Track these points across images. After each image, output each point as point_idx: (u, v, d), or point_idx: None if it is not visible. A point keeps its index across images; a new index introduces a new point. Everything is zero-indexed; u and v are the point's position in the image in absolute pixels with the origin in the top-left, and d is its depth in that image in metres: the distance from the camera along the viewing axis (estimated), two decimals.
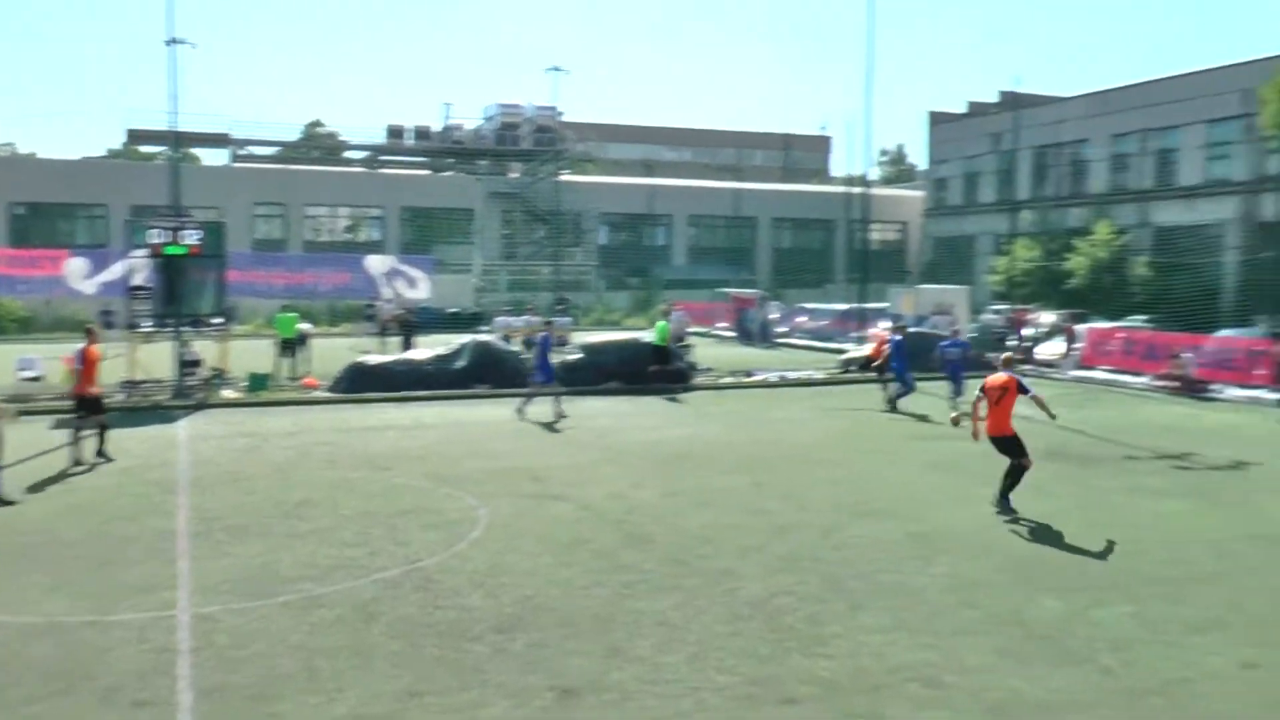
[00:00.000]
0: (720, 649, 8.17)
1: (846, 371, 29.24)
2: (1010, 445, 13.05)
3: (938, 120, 66.93)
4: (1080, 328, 32.78)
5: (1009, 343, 26.77)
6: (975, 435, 13.37)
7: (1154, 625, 8.80)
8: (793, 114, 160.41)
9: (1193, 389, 26.35)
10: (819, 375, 29.20)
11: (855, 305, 34.67)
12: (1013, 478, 12.98)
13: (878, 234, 69.36)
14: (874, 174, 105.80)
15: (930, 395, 25.92)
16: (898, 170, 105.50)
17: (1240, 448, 18.06)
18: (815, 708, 7.13)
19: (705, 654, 8.06)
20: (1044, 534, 11.91)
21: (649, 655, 8.03)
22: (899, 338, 23.48)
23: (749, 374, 29.12)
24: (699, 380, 27.52)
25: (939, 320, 36.35)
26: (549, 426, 19.96)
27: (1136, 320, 37.55)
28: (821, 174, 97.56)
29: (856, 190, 45.97)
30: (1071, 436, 19.09)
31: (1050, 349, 33.09)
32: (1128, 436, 19.23)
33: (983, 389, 13.26)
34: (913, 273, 67.15)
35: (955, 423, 14.89)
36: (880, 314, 39.31)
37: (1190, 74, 49.89)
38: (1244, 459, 16.91)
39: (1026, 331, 34.50)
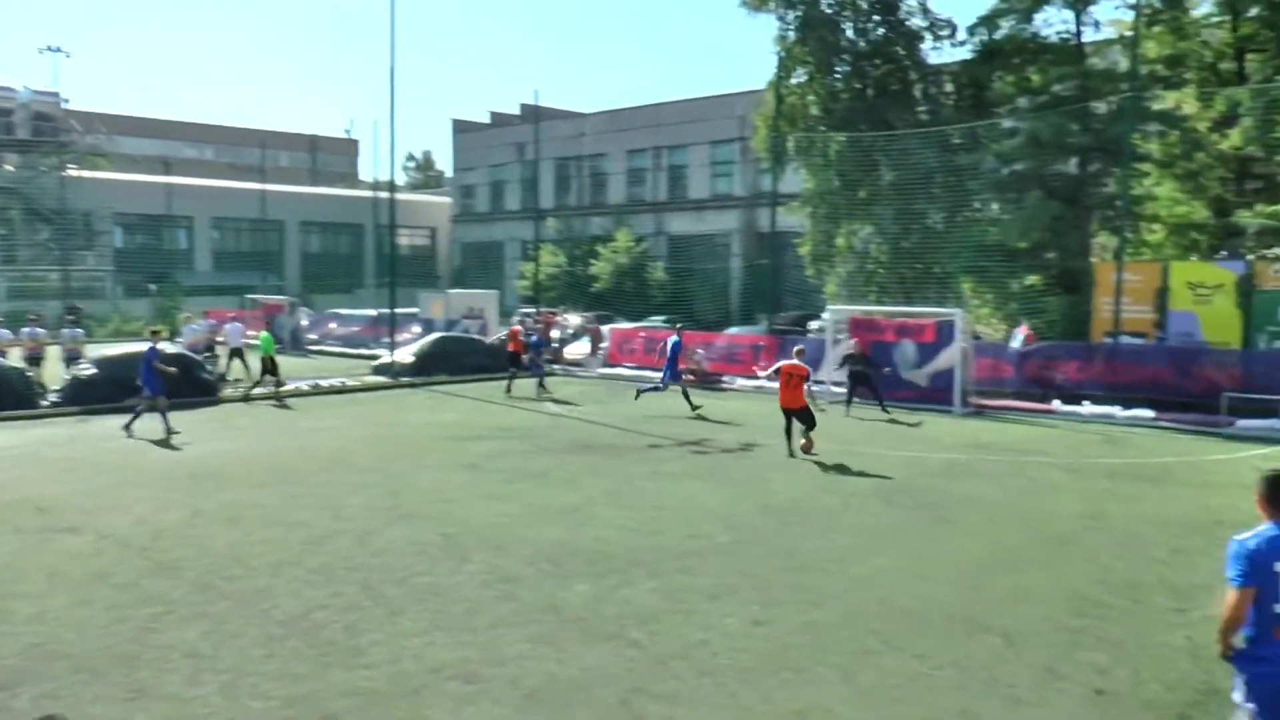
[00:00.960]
0: (254, 674, 7.74)
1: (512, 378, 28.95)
2: (804, 414, 17.37)
3: (462, 128, 68.05)
4: (605, 328, 34.81)
5: (533, 340, 27.73)
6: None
7: (675, 596, 9.51)
8: (320, 115, 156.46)
9: (707, 381, 28.95)
10: (351, 382, 28.68)
11: (385, 310, 34.34)
12: (808, 423, 17.28)
13: (407, 239, 69.25)
14: (402, 179, 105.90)
15: (465, 398, 26.35)
16: (426, 176, 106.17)
17: (748, 432, 20.07)
18: None
19: (238, 682, 7.60)
20: (574, 523, 12.47)
21: (178, 691, 7.43)
22: (676, 339, 24.36)
23: (281, 383, 27.90)
24: (227, 393, 26.01)
25: (470, 324, 37.02)
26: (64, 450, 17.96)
27: (656, 320, 40.57)
28: (350, 178, 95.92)
29: (384, 195, 45.66)
30: (599, 429, 20.24)
31: (578, 349, 34.90)
32: (650, 426, 20.68)
33: (779, 371, 17.65)
34: (442, 277, 67.82)
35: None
36: (411, 319, 39.35)
37: (695, 99, 54.67)
38: (752, 441, 18.81)
39: (555, 333, 36.11)
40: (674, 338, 24.45)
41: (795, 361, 17.78)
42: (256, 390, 25.80)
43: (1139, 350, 23.71)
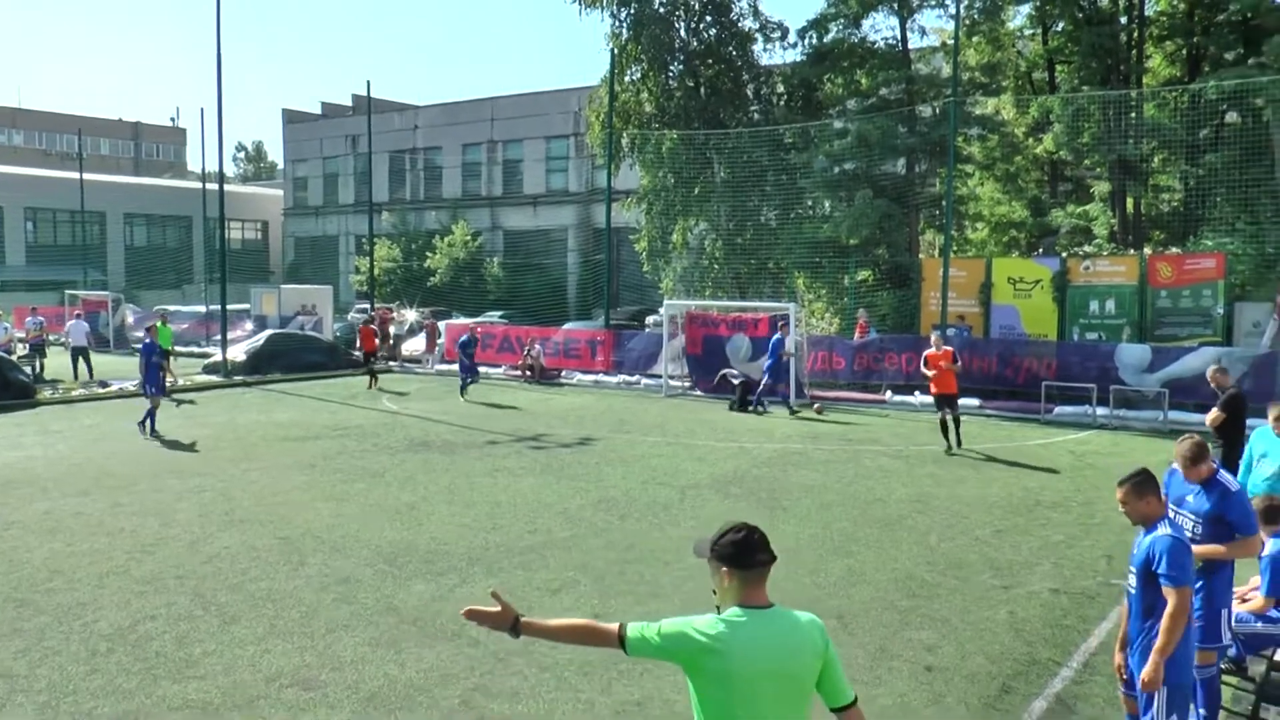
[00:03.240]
0: (76, 692, 7.37)
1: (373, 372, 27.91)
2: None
3: (293, 119, 66.05)
4: (442, 324, 34.35)
5: (463, 340, 27.41)
6: None
7: (515, 592, 9.46)
8: (144, 102, 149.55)
9: (544, 376, 28.91)
10: (182, 381, 27.54)
11: (216, 307, 33.11)
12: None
13: (238, 233, 66.92)
14: (232, 170, 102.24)
15: (301, 397, 25.69)
16: (257, 167, 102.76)
17: (585, 426, 20.12)
18: None
19: (57, 702, 7.22)
20: (412, 522, 12.31)
21: None
22: (779, 336, 23.25)
23: (104, 384, 26.66)
24: (46, 395, 24.64)
25: (304, 320, 36.05)
26: None
27: (493, 316, 40.25)
28: (178, 168, 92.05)
29: (213, 186, 44.00)
30: (436, 427, 19.98)
31: (414, 345, 34.33)
32: (488, 423, 20.54)
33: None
34: (275, 272, 65.81)
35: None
36: (243, 315, 38.08)
37: (530, 94, 54.33)
38: (589, 435, 18.86)
39: (392, 329, 35.46)
40: (778, 335, 23.46)
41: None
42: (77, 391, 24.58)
43: (967, 343, 24.71)
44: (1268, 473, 8.88)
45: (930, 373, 18.02)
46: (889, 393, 24.49)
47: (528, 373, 29.27)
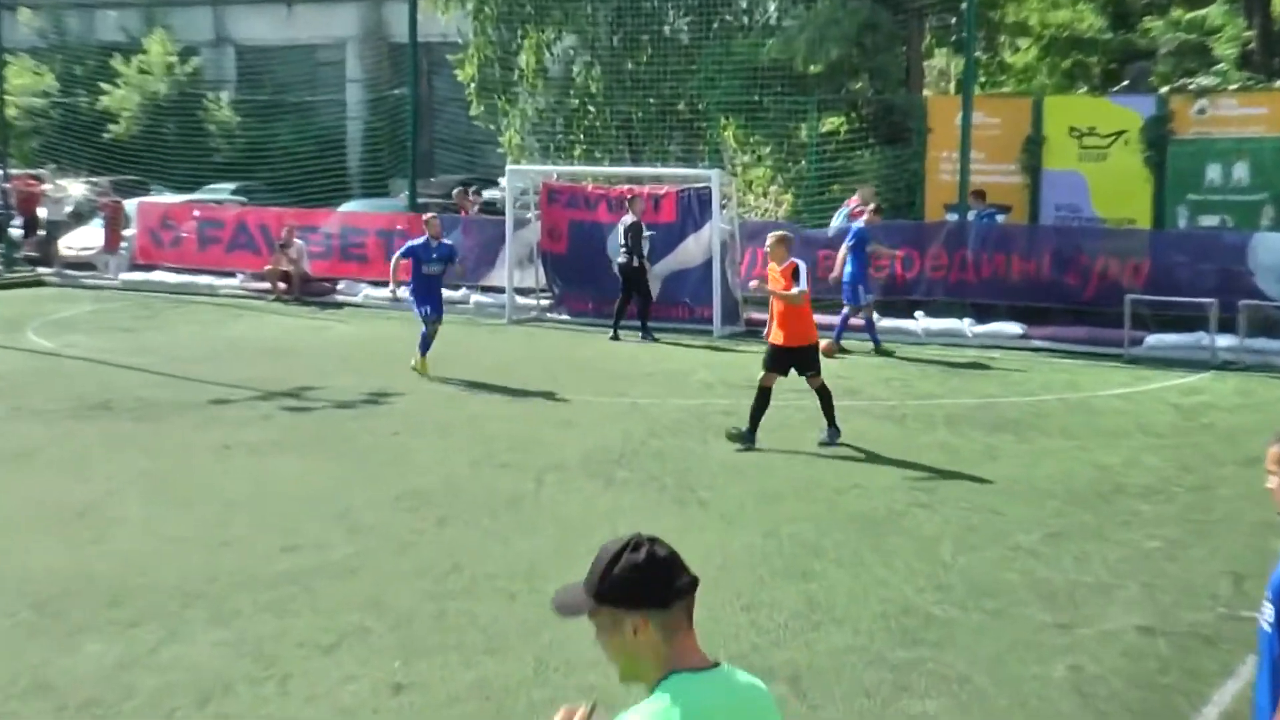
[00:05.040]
0: None
1: None
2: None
3: None
4: (131, 204, 33.44)
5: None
6: None
7: (262, 652, 9.27)
8: None
9: (307, 290, 28.42)
10: None
11: None
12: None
13: None
14: None
15: None
16: None
17: (378, 372, 19.89)
18: None
19: None
20: (86, 534, 12.10)
21: None
22: (860, 226, 22.89)
23: None
24: None
25: None
26: None
27: (222, 191, 39.35)
28: None
29: None
30: (126, 377, 19.58)
31: (83, 239, 33.36)
32: (214, 369, 20.31)
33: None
34: None
35: None
36: None
37: None
38: (384, 388, 18.68)
39: (42, 212, 34.46)
40: (857, 224, 23.14)
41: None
42: None
43: (1000, 233, 24.78)
44: None
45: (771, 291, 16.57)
46: (873, 314, 24.55)
47: (281, 285, 28.75)
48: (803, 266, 16.09)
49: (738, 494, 13.52)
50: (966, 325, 23.61)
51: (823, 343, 21.68)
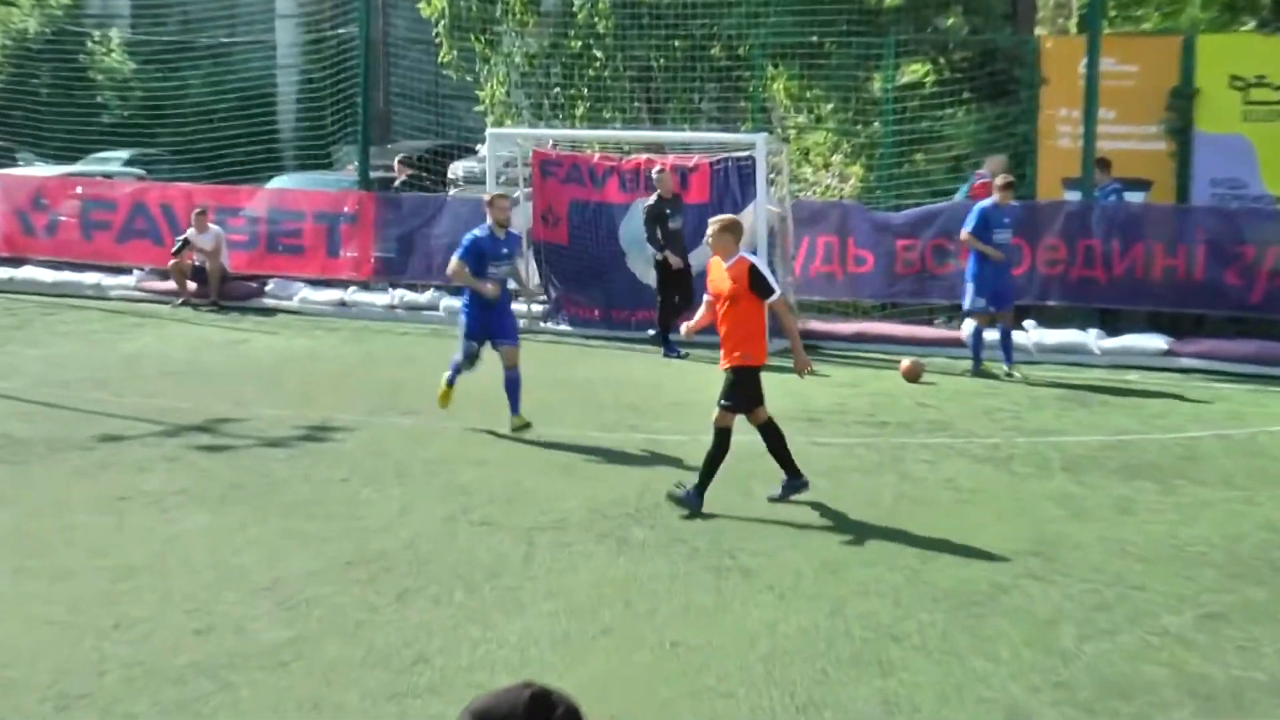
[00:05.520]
0: None
1: None
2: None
3: None
4: None
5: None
6: None
7: None
8: None
9: (225, 292, 28.51)
10: None
11: None
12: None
13: None
14: None
15: None
16: None
17: (318, 398, 20.04)
18: None
19: None
20: None
21: None
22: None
23: None
24: None
25: None
26: None
27: (113, 161, 39.45)
28: None
29: None
30: None
31: None
32: (104, 396, 20.56)
33: None
34: None
35: None
36: None
37: None
38: (327, 420, 18.85)
39: None
40: (984, 204, 22.93)
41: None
42: None
43: (1136, 217, 24.67)
44: None
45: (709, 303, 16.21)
46: (967, 323, 24.44)
47: (190, 285, 28.77)
48: (760, 261, 16.07)
49: (792, 560, 13.47)
50: (1092, 338, 23.67)
51: (904, 362, 21.92)
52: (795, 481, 15.44)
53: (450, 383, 18.96)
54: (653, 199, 23.82)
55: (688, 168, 25.67)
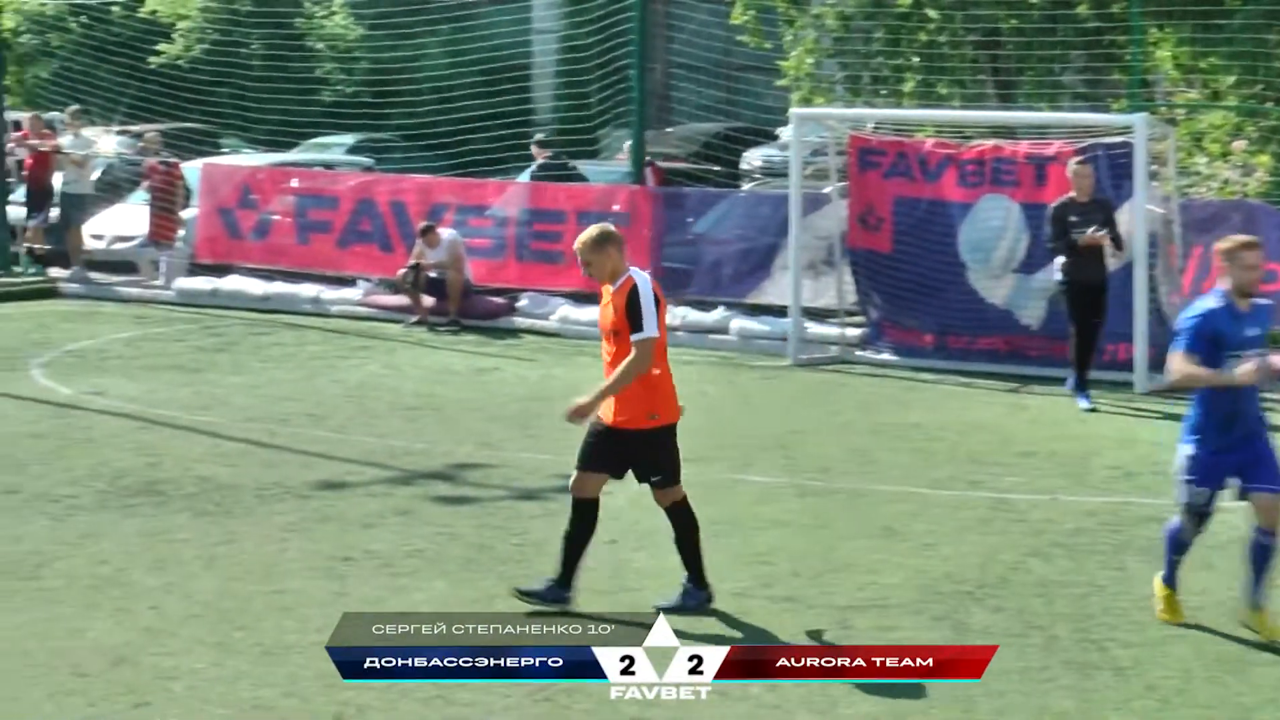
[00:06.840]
0: None
1: None
2: None
3: None
4: (191, 169, 34.16)
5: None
6: None
7: None
8: None
9: (471, 309, 28.80)
10: None
11: None
12: None
13: None
14: None
15: None
16: None
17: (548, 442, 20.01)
18: None
19: None
20: (105, 711, 12.16)
21: None
22: None
23: None
24: None
25: None
26: None
27: (335, 149, 40.16)
28: None
29: None
30: (178, 442, 20.08)
31: (118, 224, 34.10)
32: (322, 435, 20.90)
33: None
34: None
35: None
36: None
37: None
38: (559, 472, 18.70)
39: (56, 181, 35.27)
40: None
41: None
42: None
43: None
44: None
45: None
46: None
47: (426, 300, 29.04)
48: (644, 286, 14.32)
49: (1179, 656, 13.26)
50: None
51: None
52: (695, 592, 14.43)
53: (1169, 581, 14.21)
54: (1061, 200, 23.27)
55: (1046, 157, 25.46)
